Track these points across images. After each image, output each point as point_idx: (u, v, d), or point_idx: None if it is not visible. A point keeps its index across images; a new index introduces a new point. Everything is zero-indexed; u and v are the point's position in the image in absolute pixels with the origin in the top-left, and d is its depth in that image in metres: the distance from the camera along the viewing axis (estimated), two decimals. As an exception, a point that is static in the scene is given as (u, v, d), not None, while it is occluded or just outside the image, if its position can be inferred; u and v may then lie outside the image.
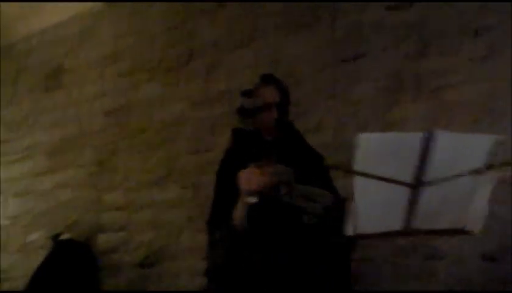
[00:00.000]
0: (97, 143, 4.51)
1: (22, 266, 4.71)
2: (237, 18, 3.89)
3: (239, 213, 2.04)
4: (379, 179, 1.75)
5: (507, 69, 2.83)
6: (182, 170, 3.98)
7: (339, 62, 3.38)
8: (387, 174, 1.75)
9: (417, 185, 1.76)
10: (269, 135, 2.24)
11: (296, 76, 3.48)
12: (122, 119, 4.39)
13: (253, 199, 1.99)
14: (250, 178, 2.00)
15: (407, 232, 1.85)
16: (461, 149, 1.75)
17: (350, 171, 1.73)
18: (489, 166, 1.76)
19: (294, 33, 3.62)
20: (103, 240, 4.29)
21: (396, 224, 1.84)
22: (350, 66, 3.34)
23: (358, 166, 1.72)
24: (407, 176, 1.76)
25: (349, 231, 1.78)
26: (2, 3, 4.60)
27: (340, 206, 1.99)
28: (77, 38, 4.86)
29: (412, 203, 1.79)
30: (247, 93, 2.21)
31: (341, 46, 3.40)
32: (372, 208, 1.78)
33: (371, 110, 3.22)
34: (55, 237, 4.20)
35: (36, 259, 4.20)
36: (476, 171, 1.77)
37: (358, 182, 1.74)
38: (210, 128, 3.88)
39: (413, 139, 1.73)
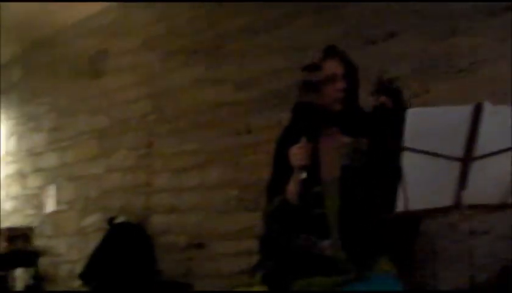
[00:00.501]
0: (141, 127, 4.61)
1: (79, 249, 4.89)
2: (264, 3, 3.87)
3: (291, 189, 2.07)
4: (429, 154, 1.75)
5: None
6: (223, 152, 4.04)
7: (368, 44, 3.34)
8: (437, 149, 1.75)
9: (466, 159, 1.76)
10: (335, 108, 2.18)
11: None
12: (162, 103, 4.47)
13: (303, 175, 2.01)
14: (299, 153, 2.03)
15: (458, 207, 1.86)
16: (508, 122, 1.74)
17: (400, 148, 1.74)
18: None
19: (319, 16, 3.58)
20: (153, 222, 4.40)
21: (446, 200, 1.85)
22: (379, 48, 3.30)
23: (407, 141, 1.74)
24: (457, 150, 1.76)
25: (399, 206, 1.80)
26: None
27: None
28: (111, 28, 4.96)
29: (462, 178, 1.80)
30: (310, 67, 2.16)
31: (369, 27, 3.36)
32: (422, 184, 1.79)
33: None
34: (111, 220, 4.34)
35: (93, 242, 4.36)
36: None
37: (408, 158, 1.75)
38: (249, 110, 3.90)
39: (462, 113, 1.72)
